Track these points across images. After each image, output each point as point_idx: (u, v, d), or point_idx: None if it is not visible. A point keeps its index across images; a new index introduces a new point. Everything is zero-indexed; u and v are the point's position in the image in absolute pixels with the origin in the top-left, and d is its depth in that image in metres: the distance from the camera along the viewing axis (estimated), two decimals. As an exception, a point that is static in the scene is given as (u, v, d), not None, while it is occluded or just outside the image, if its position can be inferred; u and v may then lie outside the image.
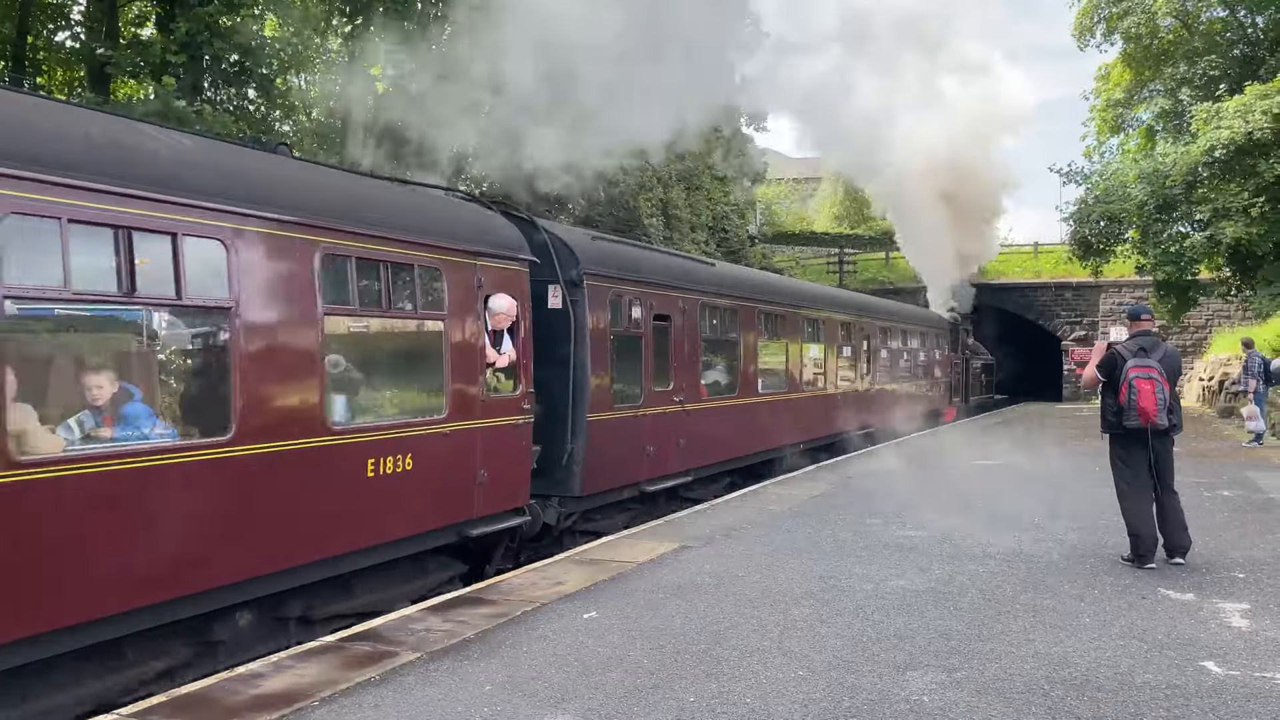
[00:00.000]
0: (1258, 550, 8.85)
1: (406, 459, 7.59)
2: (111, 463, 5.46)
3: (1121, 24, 27.69)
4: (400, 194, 8.73)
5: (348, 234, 7.16)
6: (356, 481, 7.17)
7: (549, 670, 5.70)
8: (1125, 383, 7.90)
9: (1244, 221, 21.39)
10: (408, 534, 7.83)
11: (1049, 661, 5.72)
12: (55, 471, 5.17)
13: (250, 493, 6.32)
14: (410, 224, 7.92)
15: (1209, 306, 35.25)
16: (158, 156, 6.03)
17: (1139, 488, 8.13)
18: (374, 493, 7.31)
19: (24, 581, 5.06)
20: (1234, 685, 5.30)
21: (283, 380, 6.62)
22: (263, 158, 7.25)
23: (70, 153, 5.41)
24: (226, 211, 6.22)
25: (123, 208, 5.57)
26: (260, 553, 6.45)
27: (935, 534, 9.79)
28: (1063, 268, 40.74)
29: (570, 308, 10.26)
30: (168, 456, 5.78)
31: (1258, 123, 20.82)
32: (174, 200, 5.86)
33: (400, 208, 8.18)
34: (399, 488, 7.53)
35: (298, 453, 6.66)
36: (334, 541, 7.06)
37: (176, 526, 5.84)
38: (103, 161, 5.57)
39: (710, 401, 13.58)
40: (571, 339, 10.29)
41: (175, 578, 5.86)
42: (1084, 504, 11.55)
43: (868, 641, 6.16)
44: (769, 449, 15.89)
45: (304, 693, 5.35)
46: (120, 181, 5.57)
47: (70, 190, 5.29)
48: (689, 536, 9.80)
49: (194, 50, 15.28)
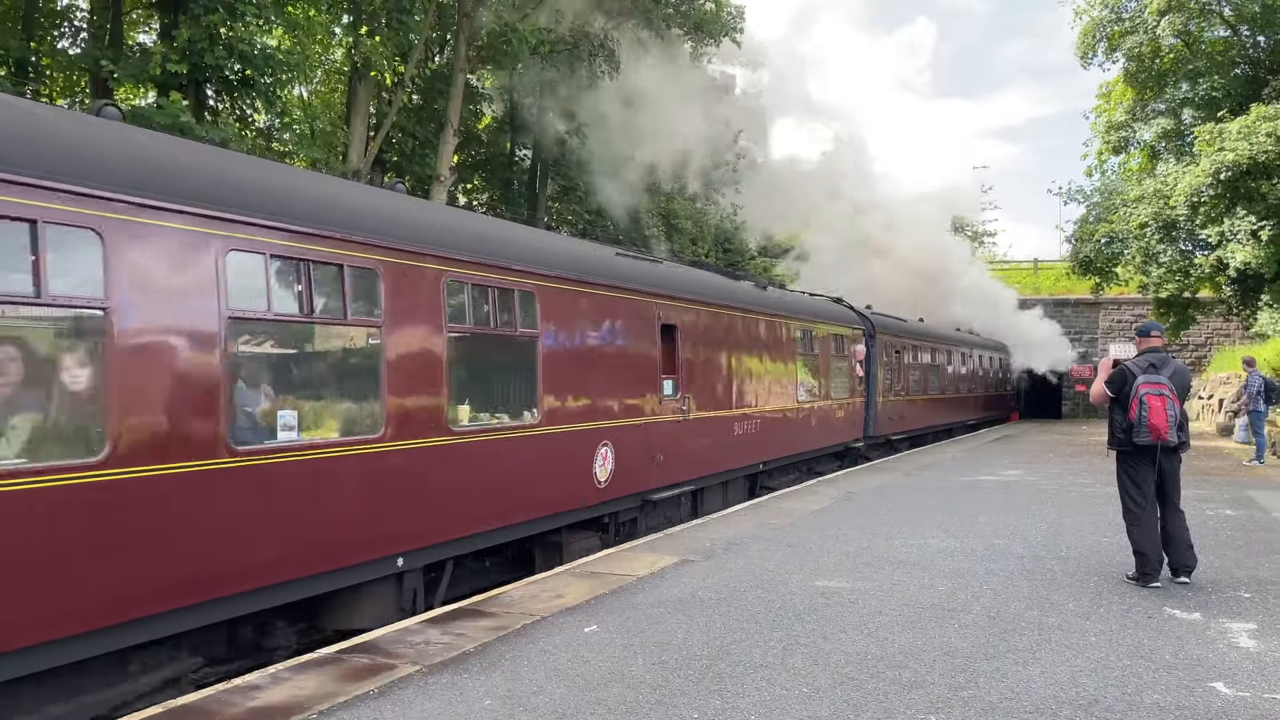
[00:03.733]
0: (1263, 570, 8.78)
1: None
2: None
3: (1124, 43, 27.74)
4: (804, 299, 19.73)
5: (806, 319, 18.16)
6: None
7: (550, 684, 5.62)
8: (1136, 399, 7.84)
9: (1253, 245, 21.38)
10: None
11: (1056, 681, 5.65)
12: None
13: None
14: (800, 311, 18.05)
15: (1209, 325, 35.31)
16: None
17: (1146, 505, 8.07)
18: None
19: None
20: (1244, 707, 5.23)
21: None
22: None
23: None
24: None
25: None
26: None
27: (939, 550, 9.73)
28: (1062, 284, 40.87)
29: (869, 348, 21.83)
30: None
31: (1262, 145, 20.83)
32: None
33: (816, 309, 19.39)
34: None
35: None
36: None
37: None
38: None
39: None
40: (869, 365, 21.74)
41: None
42: (1087, 520, 11.50)
43: (872, 659, 6.08)
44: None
45: (302, 705, 5.27)
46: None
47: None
48: (690, 550, 9.73)
49: (196, 58, 15.27)
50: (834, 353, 19.26)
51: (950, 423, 29.46)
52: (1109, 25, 28.13)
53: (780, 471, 17.13)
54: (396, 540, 7.60)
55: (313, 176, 8.68)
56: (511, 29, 20.61)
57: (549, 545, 10.19)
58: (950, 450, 23.27)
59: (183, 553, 5.86)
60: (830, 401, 18.95)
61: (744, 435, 14.66)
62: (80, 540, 5.30)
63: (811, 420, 17.96)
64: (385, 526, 7.45)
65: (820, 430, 18.55)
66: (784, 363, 16.54)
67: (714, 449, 13.67)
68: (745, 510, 12.80)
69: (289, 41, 18.82)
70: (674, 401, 12.38)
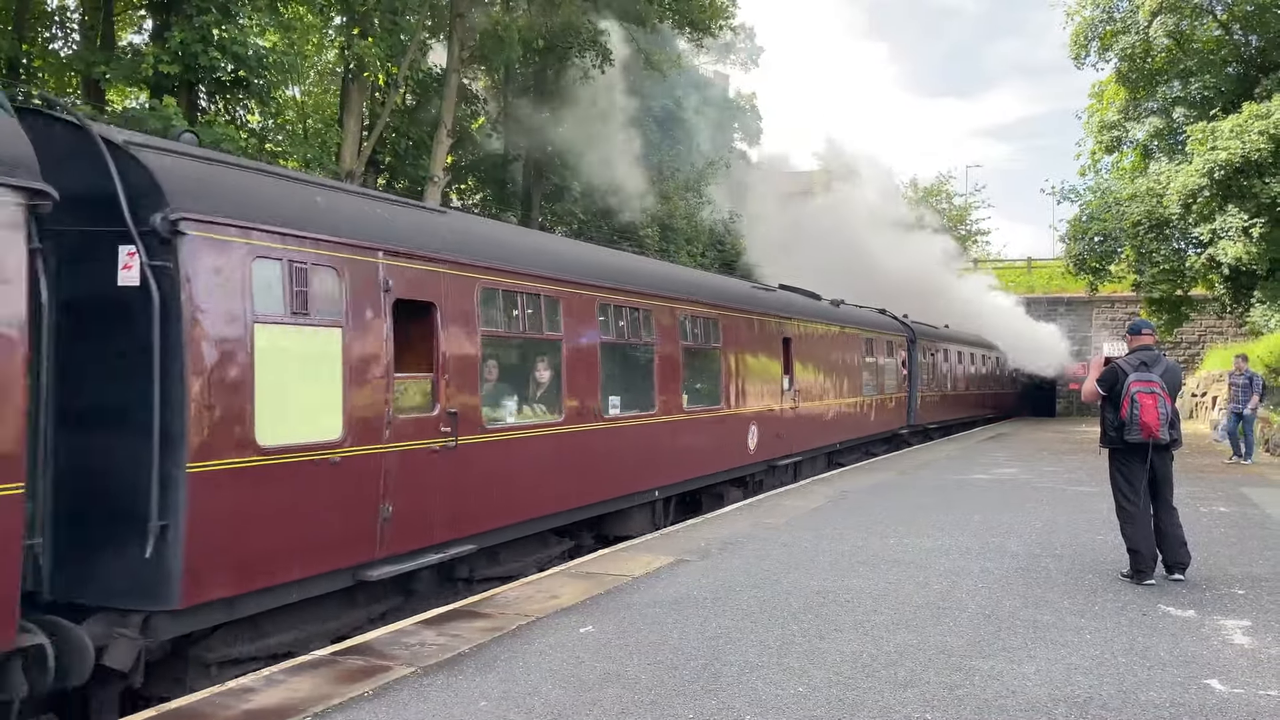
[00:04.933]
0: (1257, 567, 8.80)
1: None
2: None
3: (1116, 43, 27.80)
4: (861, 312, 22.22)
5: (866, 329, 21.79)
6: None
7: (545, 685, 5.62)
8: (1127, 397, 7.86)
9: (1244, 243, 21.42)
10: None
11: (1051, 679, 5.66)
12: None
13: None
14: (866, 323, 21.89)
15: (1202, 322, 35.41)
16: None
17: (1139, 503, 8.08)
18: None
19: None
20: (1239, 704, 5.24)
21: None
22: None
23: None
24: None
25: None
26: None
27: (934, 548, 9.74)
28: (1056, 283, 40.98)
29: (910, 351, 25.32)
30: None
31: (1254, 143, 20.88)
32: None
33: (872, 320, 22.76)
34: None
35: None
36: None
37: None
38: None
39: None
40: (911, 365, 25.54)
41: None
42: (1082, 518, 11.52)
43: (867, 658, 6.09)
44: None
45: (296, 708, 5.26)
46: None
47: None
48: (686, 550, 9.73)
49: (188, 60, 15.22)
50: (885, 355, 23.17)
51: (973, 415, 33.43)
52: (1100, 25, 28.18)
53: (847, 451, 20.87)
54: (654, 480, 11.92)
55: (532, 234, 13.31)
56: (504, 27, 20.60)
57: (712, 495, 14.18)
58: (944, 449, 23.30)
59: (582, 475, 10.38)
60: (883, 396, 22.98)
61: (828, 422, 18.98)
62: (555, 462, 9.80)
63: (871, 411, 21.95)
64: (650, 471, 11.80)
65: (876, 419, 22.52)
66: (853, 364, 20.57)
67: (810, 431, 17.88)
68: (740, 510, 12.80)
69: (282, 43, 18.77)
70: (789, 396, 16.56)
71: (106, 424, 5.88)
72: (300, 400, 6.74)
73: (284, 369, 6.54)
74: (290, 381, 6.64)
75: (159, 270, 5.80)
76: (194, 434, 5.87)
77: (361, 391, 7.14)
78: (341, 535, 7.02)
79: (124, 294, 5.83)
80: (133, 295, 5.82)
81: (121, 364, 5.87)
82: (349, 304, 7.06)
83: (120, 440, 5.85)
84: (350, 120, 20.94)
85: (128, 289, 5.82)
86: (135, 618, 5.86)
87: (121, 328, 5.87)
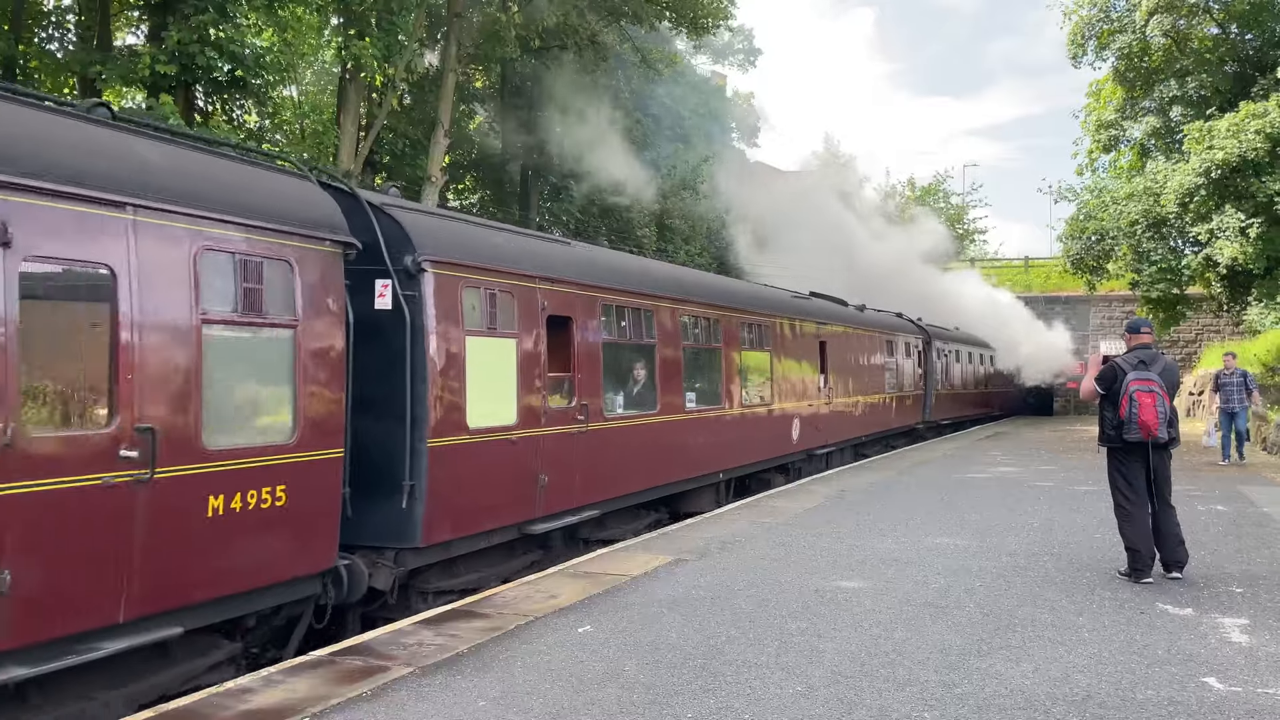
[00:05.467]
0: (1254, 565, 8.81)
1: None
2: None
3: (1113, 42, 27.82)
4: (883, 316, 23.98)
5: (889, 331, 24.11)
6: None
7: (544, 685, 5.61)
8: (1126, 396, 7.86)
9: (1241, 242, 21.41)
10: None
11: (1049, 677, 5.66)
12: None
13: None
14: (887, 326, 23.84)
15: (1198, 321, 35.44)
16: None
17: (1137, 502, 8.09)
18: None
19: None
20: (1236, 701, 5.24)
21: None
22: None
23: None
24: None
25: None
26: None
27: (931, 547, 9.75)
28: (1053, 282, 41.04)
29: (926, 352, 26.95)
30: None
31: (1251, 142, 20.89)
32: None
33: (892, 323, 24.57)
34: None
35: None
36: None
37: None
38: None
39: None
40: (927, 365, 27.24)
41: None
42: (1079, 517, 11.53)
43: (866, 656, 6.09)
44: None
45: (294, 708, 5.25)
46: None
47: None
48: (684, 549, 9.73)
49: (185, 60, 15.19)
50: (905, 356, 25.12)
51: (980, 412, 35.16)
52: (1098, 24, 28.20)
53: (872, 443, 22.69)
54: (720, 464, 13.90)
55: (632, 257, 15.15)
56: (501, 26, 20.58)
57: (760, 480, 16.03)
58: (942, 447, 23.31)
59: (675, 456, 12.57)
60: (903, 393, 24.85)
61: (856, 416, 20.84)
62: (651, 446, 11.82)
63: (892, 407, 23.93)
64: (717, 457, 13.73)
65: (898, 413, 24.51)
66: (877, 365, 22.54)
67: (841, 425, 19.92)
68: (738, 509, 12.80)
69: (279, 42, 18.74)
70: (825, 393, 18.65)
71: (376, 410, 7.76)
72: (492, 393, 8.82)
73: (483, 370, 8.66)
74: (486, 379, 8.74)
75: (409, 298, 7.87)
76: (433, 418, 7.97)
77: (527, 386, 9.30)
78: (514, 497, 9.18)
79: (380, 315, 7.80)
80: (387, 316, 7.82)
81: (383, 366, 7.80)
82: (519, 320, 9.27)
83: (383, 423, 7.81)
84: (347, 120, 20.93)
85: (382, 312, 7.81)
86: (389, 553, 7.86)
87: (381, 340, 7.76)
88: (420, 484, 7.80)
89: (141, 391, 5.52)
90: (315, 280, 6.83)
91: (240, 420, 6.41)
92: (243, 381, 6.52)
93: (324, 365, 6.90)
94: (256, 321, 6.43)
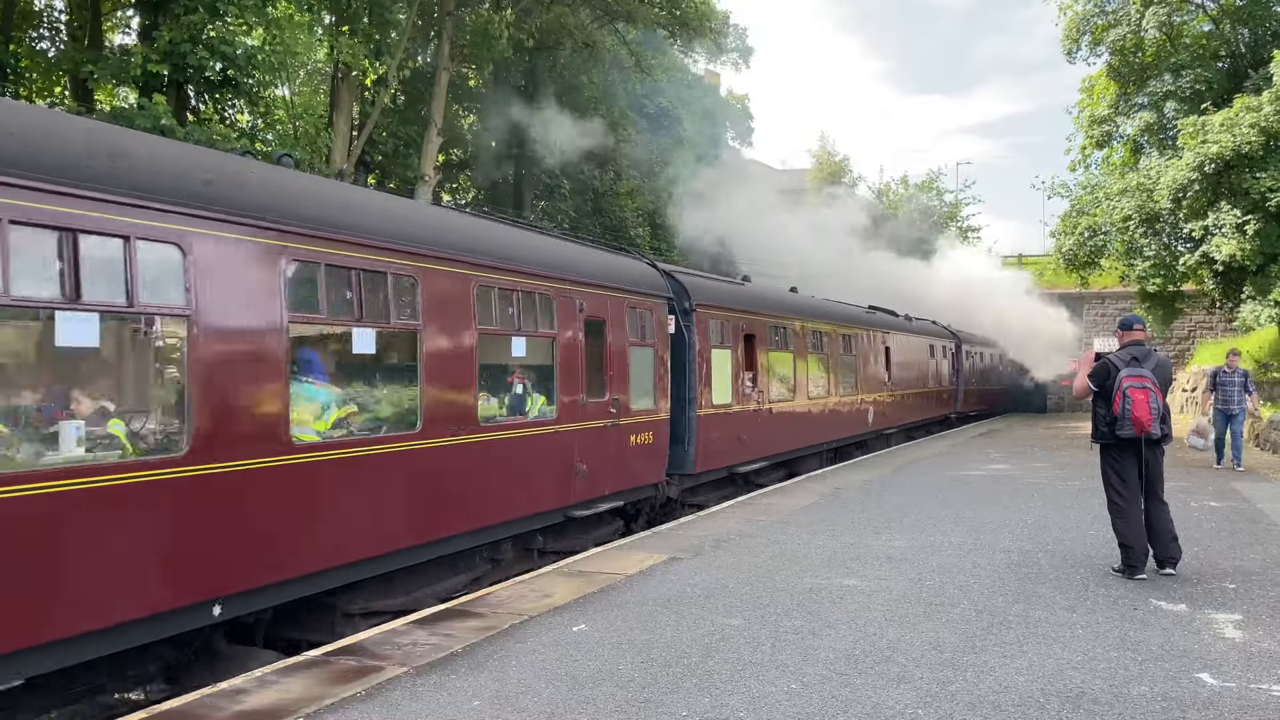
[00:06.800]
0: (1247, 561, 8.83)
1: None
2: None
3: (1108, 36, 27.84)
4: (924, 323, 28.32)
5: (928, 335, 28.81)
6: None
7: (538, 684, 5.61)
8: (1119, 392, 7.87)
9: (1238, 239, 21.36)
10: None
11: (1043, 674, 5.67)
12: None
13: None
14: (929, 332, 28.62)
15: (1192, 318, 35.49)
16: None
17: (1130, 498, 8.10)
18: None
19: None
20: (1230, 697, 5.26)
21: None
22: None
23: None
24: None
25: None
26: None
27: (925, 545, 9.76)
28: (1047, 279, 41.02)
29: (957, 353, 31.70)
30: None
31: (1245, 136, 20.87)
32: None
33: (930, 329, 28.87)
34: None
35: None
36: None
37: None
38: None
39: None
40: (957, 364, 32.15)
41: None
42: (1073, 514, 11.55)
43: (860, 654, 6.09)
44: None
45: (288, 709, 5.24)
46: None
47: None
48: (678, 548, 9.73)
49: (177, 59, 15.15)
50: (942, 357, 29.79)
51: (994, 407, 38.42)
52: (1093, 19, 28.22)
53: (917, 428, 27.04)
54: (824, 438, 19.00)
55: (778, 293, 18.81)
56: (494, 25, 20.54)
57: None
58: (936, 445, 23.35)
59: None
60: (941, 388, 29.47)
61: (908, 406, 25.47)
62: (794, 422, 17.36)
63: (934, 398, 28.66)
64: (823, 431, 18.82)
65: (937, 405, 29.26)
66: (924, 364, 27.27)
67: (900, 412, 24.57)
68: (733, 507, 12.81)
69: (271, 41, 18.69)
70: (889, 388, 23.09)
71: (678, 397, 13.07)
72: (719, 385, 14.19)
73: (716, 370, 13.99)
74: (718, 376, 14.10)
75: (688, 327, 13.24)
76: (699, 400, 13.41)
77: (736, 380, 14.94)
78: (730, 449, 14.81)
79: (672, 339, 12.88)
80: (677, 339, 13.03)
81: (675, 368, 12.99)
82: (731, 338, 14.72)
83: (678, 404, 13.06)
84: (340, 120, 20.89)
85: (674, 335, 12.90)
86: (677, 478, 13.27)
87: (674, 353, 12.91)
88: (692, 439, 13.21)
89: (613, 382, 11.26)
90: (659, 319, 12.59)
91: (641, 398, 11.96)
92: (637, 376, 11.90)
93: (664, 366, 12.61)
94: (643, 343, 12.09)
